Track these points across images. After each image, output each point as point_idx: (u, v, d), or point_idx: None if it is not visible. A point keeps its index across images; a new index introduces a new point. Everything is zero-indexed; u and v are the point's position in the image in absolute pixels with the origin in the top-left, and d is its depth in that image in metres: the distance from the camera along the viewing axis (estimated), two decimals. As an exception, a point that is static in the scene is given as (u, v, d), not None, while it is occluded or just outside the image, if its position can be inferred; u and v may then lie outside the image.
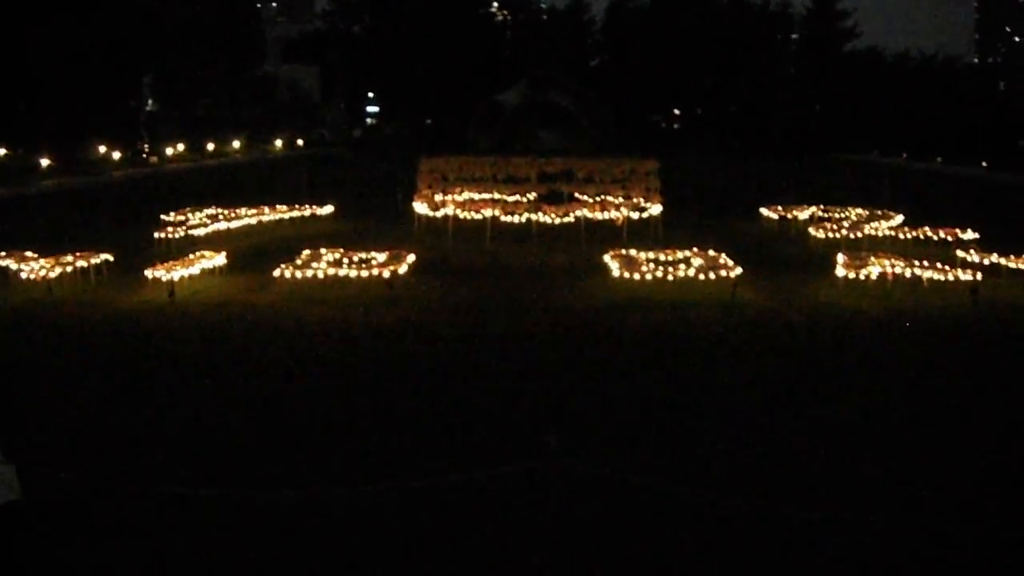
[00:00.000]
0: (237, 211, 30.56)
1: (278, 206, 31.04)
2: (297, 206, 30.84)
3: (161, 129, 75.74)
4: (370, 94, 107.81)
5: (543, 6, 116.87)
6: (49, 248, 23.41)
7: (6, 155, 58.73)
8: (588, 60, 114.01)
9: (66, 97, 59.82)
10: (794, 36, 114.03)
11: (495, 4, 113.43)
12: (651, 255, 21.92)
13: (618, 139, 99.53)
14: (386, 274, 19.51)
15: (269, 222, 29.62)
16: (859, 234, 26.52)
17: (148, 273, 19.39)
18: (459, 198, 29.27)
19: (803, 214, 31.12)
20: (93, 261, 21.02)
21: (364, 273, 19.58)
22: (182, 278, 19.42)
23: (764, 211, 32.33)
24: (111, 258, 21.61)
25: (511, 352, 15.25)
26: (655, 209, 28.11)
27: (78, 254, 21.40)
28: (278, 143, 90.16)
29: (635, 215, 27.66)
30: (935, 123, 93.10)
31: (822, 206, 31.39)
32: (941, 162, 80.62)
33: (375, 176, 52.41)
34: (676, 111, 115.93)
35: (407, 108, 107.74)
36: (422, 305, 18.82)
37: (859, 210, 30.42)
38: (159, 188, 49.62)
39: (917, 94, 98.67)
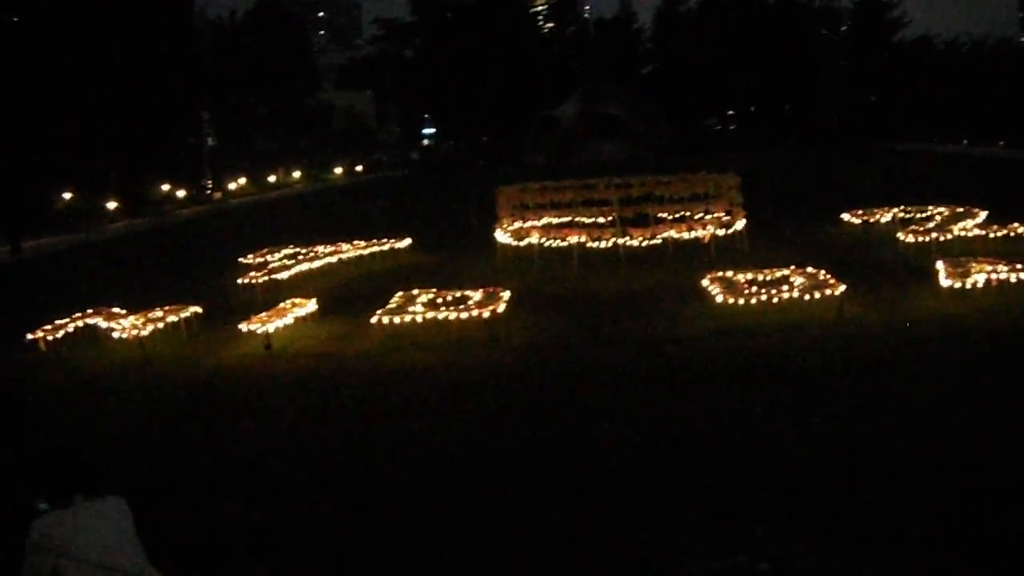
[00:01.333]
0: (315, 249, 30.18)
1: (355, 241, 30.49)
2: (375, 240, 30.19)
3: (221, 164, 76.30)
4: (425, 115, 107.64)
5: (587, 17, 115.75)
6: (131, 299, 23.19)
7: (72, 199, 59.15)
8: (639, 68, 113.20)
9: (128, 137, 60.22)
10: (843, 29, 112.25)
11: (541, 18, 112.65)
12: (748, 276, 20.89)
13: (674, 145, 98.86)
14: (485, 314, 18.73)
15: (349, 259, 29.02)
16: (948, 236, 25.22)
17: (244, 327, 18.81)
18: (539, 224, 28.68)
19: (885, 217, 29.97)
20: (183, 315, 20.52)
21: (463, 315, 18.79)
22: (277, 329, 18.82)
23: (846, 216, 31.19)
24: (199, 310, 21.09)
25: (634, 396, 14.32)
26: (740, 224, 27.17)
27: (167, 308, 20.99)
28: (338, 170, 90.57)
29: (721, 232, 26.68)
30: (993, 106, 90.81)
31: (903, 207, 30.11)
32: (1003, 145, 78.54)
33: (441, 200, 52.04)
34: (730, 112, 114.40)
35: (462, 127, 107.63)
36: (525, 344, 18.02)
37: (942, 209, 29.05)
38: (228, 225, 49.69)
39: (972, 79, 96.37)
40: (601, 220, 28.50)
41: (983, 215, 27.85)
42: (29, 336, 19.89)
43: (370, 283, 25.67)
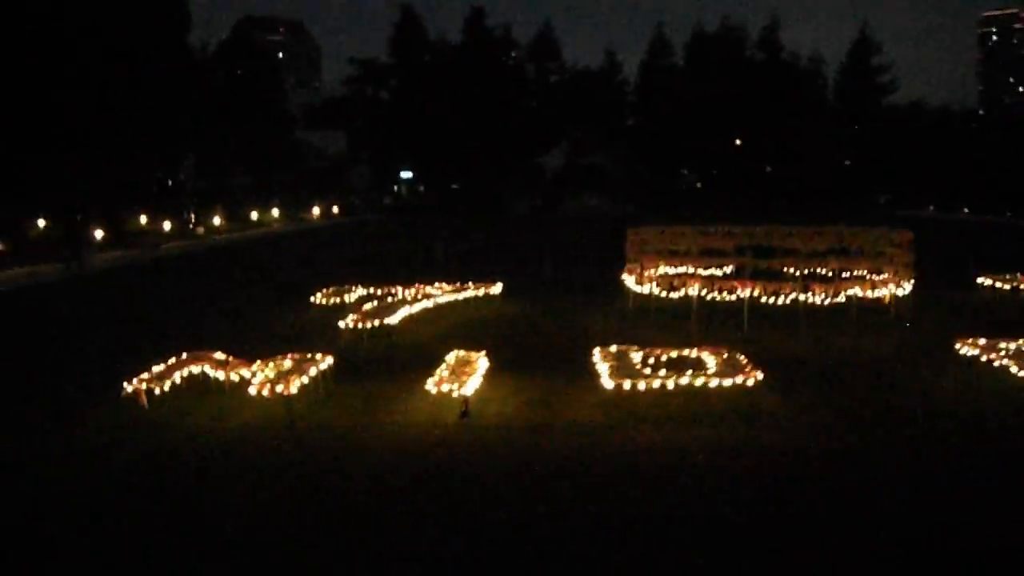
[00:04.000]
0: (390, 290, 25.99)
1: (439, 284, 26.23)
2: (471, 284, 25.97)
3: (201, 200, 71.36)
4: (400, 159, 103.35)
5: (570, 67, 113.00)
6: (210, 337, 18.60)
7: (47, 226, 53.73)
8: (623, 120, 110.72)
9: (114, 163, 55.32)
10: (828, 95, 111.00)
11: (526, 66, 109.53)
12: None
13: (653, 200, 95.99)
14: (739, 380, 14.50)
15: (444, 304, 24.65)
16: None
17: (432, 387, 14.35)
18: (701, 273, 25.18)
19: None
20: (322, 367, 15.93)
21: (698, 382, 14.65)
22: (455, 387, 14.42)
23: (984, 280, 28.11)
24: (331, 361, 16.48)
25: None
26: (908, 286, 23.61)
27: (294, 357, 16.31)
28: (315, 211, 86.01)
29: (900, 292, 23.04)
30: (989, 175, 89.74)
31: None
32: (1011, 216, 77.14)
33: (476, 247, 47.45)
34: (712, 171, 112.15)
35: (440, 172, 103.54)
36: (813, 423, 13.87)
37: None
38: (229, 262, 44.69)
39: (968, 146, 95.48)
40: (721, 271, 25.08)
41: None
42: (127, 387, 14.96)
43: (505, 333, 21.35)
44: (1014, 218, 75.95)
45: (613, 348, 16.91)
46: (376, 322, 21.20)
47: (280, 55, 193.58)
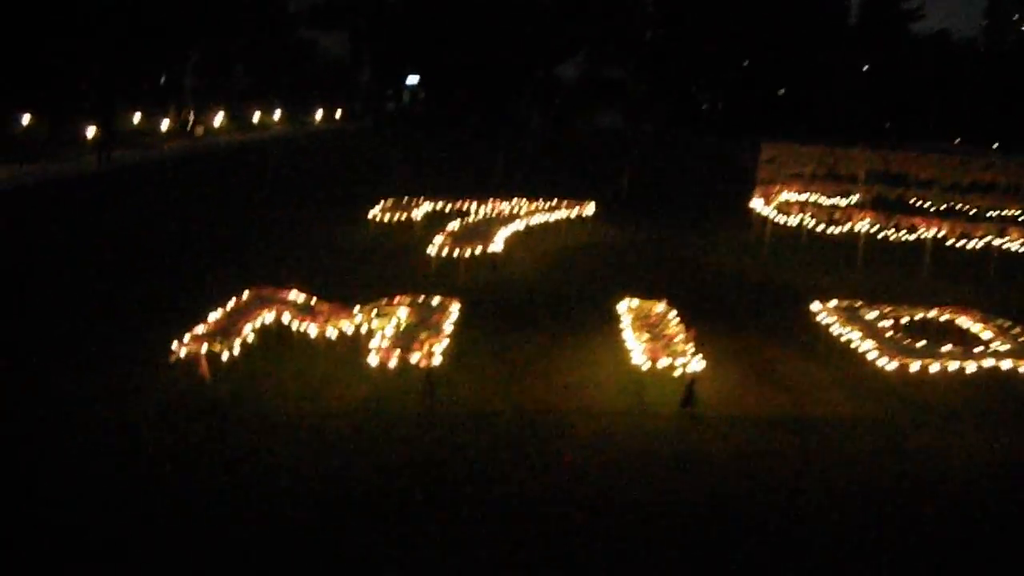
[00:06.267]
0: (461, 204, 21.95)
1: (520, 200, 21.69)
2: (566, 202, 21.32)
3: (199, 100, 65.74)
4: (407, 64, 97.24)
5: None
6: (260, 267, 14.21)
7: (31, 123, 48.42)
8: (642, 34, 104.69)
9: (109, 64, 49.88)
10: (851, 19, 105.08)
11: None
12: None
13: (671, 121, 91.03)
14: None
15: (536, 226, 20.08)
16: None
17: (640, 359, 9.69)
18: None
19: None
20: (450, 315, 11.28)
21: (1004, 364, 10.20)
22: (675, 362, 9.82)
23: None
24: (458, 305, 11.72)
25: None
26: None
27: (403, 299, 11.63)
28: (318, 115, 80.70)
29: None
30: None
31: None
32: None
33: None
34: (723, 93, 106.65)
35: (449, 80, 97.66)
36: None
37: None
38: (234, 165, 39.66)
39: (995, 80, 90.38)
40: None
41: None
42: (176, 350, 10.10)
43: (650, 270, 16.83)
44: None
45: (833, 303, 12.30)
46: (476, 248, 16.44)
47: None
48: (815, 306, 12.39)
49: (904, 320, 12.34)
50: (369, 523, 7.38)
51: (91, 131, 43.92)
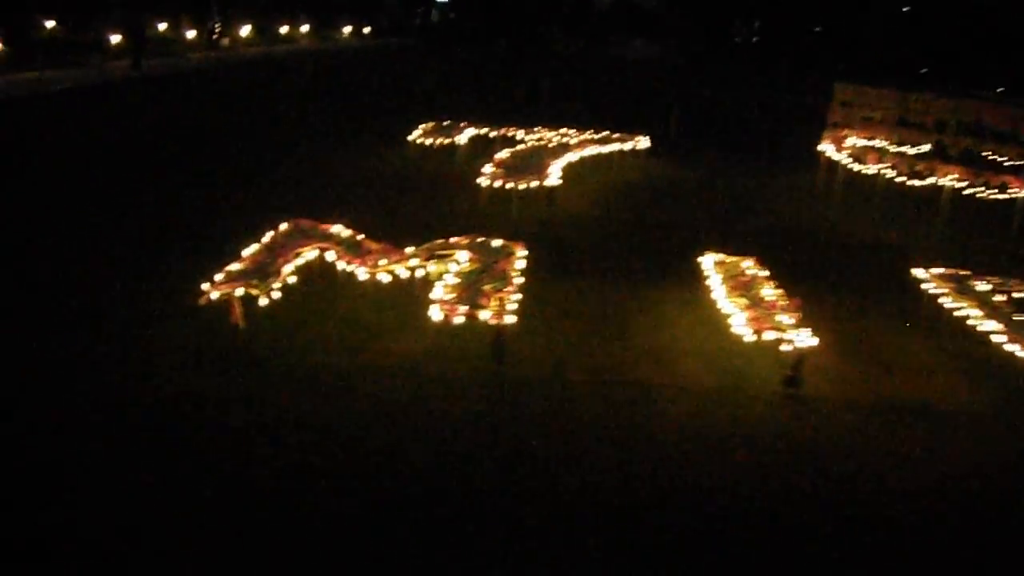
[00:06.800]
0: (506, 131, 20.68)
1: (569, 130, 20.31)
2: (618, 135, 19.92)
3: (225, 9, 63.67)
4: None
5: None
6: (297, 192, 13.20)
7: (54, 29, 46.65)
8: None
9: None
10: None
11: None
12: None
13: (705, 53, 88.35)
14: None
15: (589, 158, 18.72)
16: None
17: (741, 327, 8.44)
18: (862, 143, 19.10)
19: None
20: (516, 261, 10.01)
21: None
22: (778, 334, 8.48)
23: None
24: (525, 252, 10.39)
25: None
26: None
27: (461, 242, 10.36)
28: (346, 30, 78.50)
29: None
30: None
31: None
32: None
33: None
34: (757, 25, 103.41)
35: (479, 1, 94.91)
36: None
37: None
38: (258, 78, 38.06)
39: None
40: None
41: None
42: (208, 291, 8.81)
43: (723, 218, 15.50)
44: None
45: (938, 270, 10.92)
46: (531, 182, 15.06)
47: None
48: (919, 272, 10.99)
49: (1017, 295, 10.93)
50: (426, 514, 6.21)
51: (116, 38, 42.30)
